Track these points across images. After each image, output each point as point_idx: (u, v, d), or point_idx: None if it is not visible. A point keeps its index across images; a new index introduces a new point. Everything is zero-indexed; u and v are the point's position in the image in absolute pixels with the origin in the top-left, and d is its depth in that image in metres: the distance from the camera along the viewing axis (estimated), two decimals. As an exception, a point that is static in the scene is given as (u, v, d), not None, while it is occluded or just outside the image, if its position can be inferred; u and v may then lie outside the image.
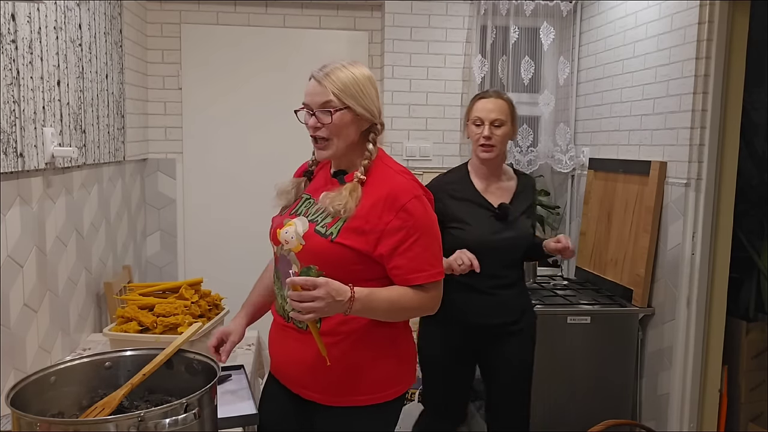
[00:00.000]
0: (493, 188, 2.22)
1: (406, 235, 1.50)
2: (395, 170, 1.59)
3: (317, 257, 1.53)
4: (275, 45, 3.49)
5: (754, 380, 2.97)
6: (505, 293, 2.21)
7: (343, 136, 1.55)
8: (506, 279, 2.21)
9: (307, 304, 1.39)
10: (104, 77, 2.53)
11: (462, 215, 2.17)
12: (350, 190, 1.51)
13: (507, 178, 2.26)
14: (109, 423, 1.08)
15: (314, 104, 1.54)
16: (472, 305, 2.20)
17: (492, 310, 2.20)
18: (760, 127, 3.23)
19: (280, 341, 1.66)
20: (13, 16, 1.66)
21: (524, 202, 2.23)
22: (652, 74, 2.84)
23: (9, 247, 1.66)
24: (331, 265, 1.52)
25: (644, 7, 2.91)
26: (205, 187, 3.52)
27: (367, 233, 1.52)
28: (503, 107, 2.17)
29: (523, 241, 2.21)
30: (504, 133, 2.17)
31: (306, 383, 1.60)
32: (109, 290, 2.47)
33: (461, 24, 3.49)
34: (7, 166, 1.62)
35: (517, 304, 2.25)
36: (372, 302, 1.48)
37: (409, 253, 1.51)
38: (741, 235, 3.05)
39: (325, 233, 1.54)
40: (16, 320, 1.71)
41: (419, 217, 1.52)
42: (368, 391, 1.59)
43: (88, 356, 1.36)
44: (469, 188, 2.21)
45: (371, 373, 1.58)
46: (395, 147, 3.49)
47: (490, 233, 2.15)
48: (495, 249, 2.15)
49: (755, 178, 3.22)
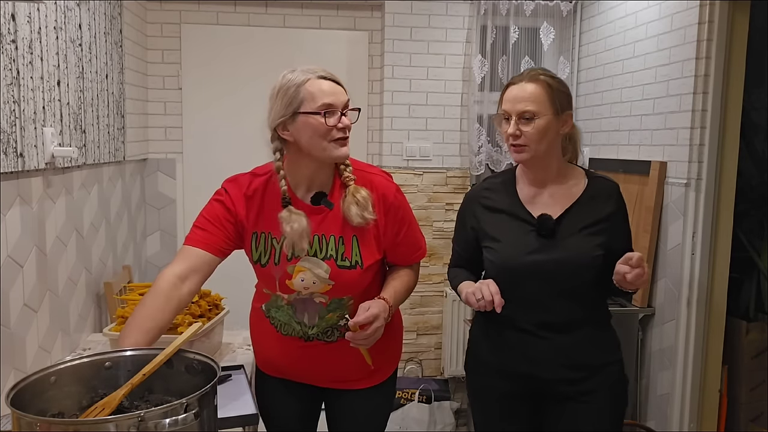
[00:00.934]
0: (545, 196, 1.70)
1: (401, 227, 1.64)
2: (364, 170, 1.63)
3: (351, 289, 1.61)
4: (275, 45, 3.49)
5: (754, 380, 2.97)
6: (559, 338, 1.66)
7: None
8: (559, 317, 1.66)
9: (372, 338, 1.51)
10: (104, 77, 2.53)
11: (494, 231, 1.72)
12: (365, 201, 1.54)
13: (571, 183, 1.71)
14: (109, 423, 1.07)
15: (341, 104, 1.52)
16: (513, 348, 1.70)
17: (539, 359, 1.67)
18: (760, 127, 3.23)
19: (302, 358, 1.69)
20: (13, 16, 1.66)
21: (590, 213, 1.66)
22: (652, 74, 2.84)
23: (9, 247, 1.66)
24: (363, 289, 1.63)
25: (644, 7, 2.91)
26: (205, 187, 3.49)
27: (375, 242, 1.60)
28: (536, 93, 1.62)
29: (577, 265, 1.63)
30: (538, 127, 1.61)
31: (333, 378, 1.72)
32: (109, 290, 2.47)
33: (461, 24, 3.48)
34: (7, 166, 1.62)
35: (581, 355, 1.67)
36: (398, 298, 1.65)
37: (407, 239, 1.67)
38: (741, 235, 3.05)
39: (351, 265, 1.57)
40: (16, 320, 1.71)
41: (404, 208, 1.66)
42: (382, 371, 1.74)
43: (88, 356, 1.36)
44: (510, 196, 1.73)
45: (384, 355, 1.72)
46: (395, 147, 3.49)
47: (525, 253, 1.64)
48: (533, 274, 1.64)
49: (755, 178, 3.22)
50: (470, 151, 3.49)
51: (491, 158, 3.53)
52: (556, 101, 1.63)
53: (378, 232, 1.60)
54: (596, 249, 1.63)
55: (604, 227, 1.65)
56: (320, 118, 1.48)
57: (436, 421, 3.34)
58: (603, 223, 1.66)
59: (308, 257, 1.54)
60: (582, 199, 1.68)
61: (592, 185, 1.70)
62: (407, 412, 3.33)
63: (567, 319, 1.66)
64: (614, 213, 1.68)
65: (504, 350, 1.72)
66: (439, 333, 3.60)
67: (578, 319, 1.67)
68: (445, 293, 3.55)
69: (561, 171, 1.71)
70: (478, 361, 1.80)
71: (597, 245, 1.64)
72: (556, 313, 1.66)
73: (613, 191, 1.70)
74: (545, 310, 1.66)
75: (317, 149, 1.50)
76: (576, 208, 1.67)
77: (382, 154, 3.49)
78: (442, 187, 3.55)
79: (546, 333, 1.66)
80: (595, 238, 1.64)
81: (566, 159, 1.74)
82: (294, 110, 1.49)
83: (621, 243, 1.67)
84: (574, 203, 1.68)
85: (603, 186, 1.71)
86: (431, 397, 3.39)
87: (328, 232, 1.56)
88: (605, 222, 1.66)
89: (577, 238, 1.64)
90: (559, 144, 1.68)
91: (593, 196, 1.68)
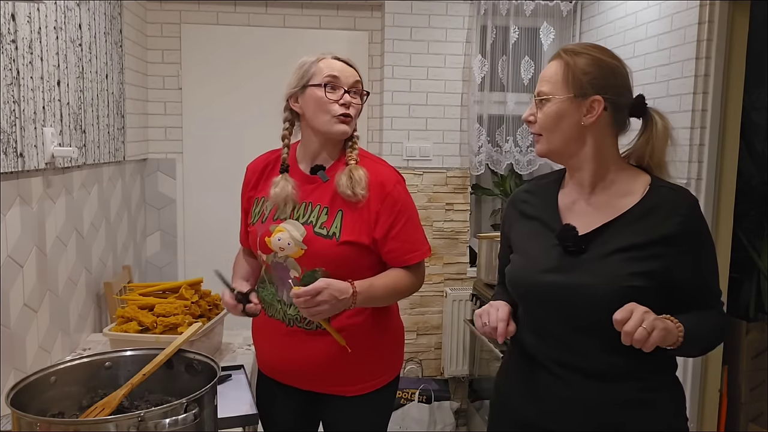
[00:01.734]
0: (585, 204, 1.35)
1: (396, 220, 1.60)
2: (372, 159, 1.67)
3: (323, 260, 1.57)
4: (275, 45, 3.49)
5: (754, 380, 2.97)
6: (588, 384, 1.29)
7: None
8: (587, 358, 1.29)
9: (314, 308, 1.46)
10: (104, 77, 2.53)
11: (520, 241, 1.42)
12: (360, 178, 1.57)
13: (624, 191, 1.33)
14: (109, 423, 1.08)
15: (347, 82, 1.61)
16: (529, 389, 1.38)
17: (557, 406, 1.32)
18: (760, 127, 3.23)
19: (285, 347, 1.67)
20: (13, 16, 1.66)
21: (637, 232, 1.26)
22: (652, 74, 2.84)
23: (9, 247, 1.66)
24: (336, 264, 1.57)
25: (644, 7, 2.91)
26: (205, 187, 3.52)
27: (363, 225, 1.57)
28: (551, 72, 1.32)
29: (599, 295, 1.24)
30: (548, 112, 1.31)
31: (322, 379, 1.66)
32: (109, 290, 2.47)
33: (461, 24, 3.48)
34: (7, 166, 1.62)
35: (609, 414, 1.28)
36: (373, 292, 1.55)
37: (402, 235, 1.61)
38: (741, 235, 3.05)
39: (328, 234, 1.57)
40: (16, 320, 1.71)
41: (404, 201, 1.63)
42: (374, 377, 1.67)
43: (88, 356, 1.36)
44: (548, 201, 1.41)
45: (376, 359, 1.66)
46: (395, 147, 3.49)
47: (541, 270, 1.32)
48: (545, 299, 1.32)
49: (755, 178, 3.22)
50: (470, 151, 3.49)
51: (491, 158, 3.53)
52: (575, 82, 1.28)
53: (369, 217, 1.58)
54: (631, 278, 1.23)
55: (656, 252, 1.24)
56: (322, 90, 1.57)
57: (436, 421, 3.34)
58: (656, 246, 1.24)
59: (291, 220, 1.61)
60: (632, 213, 1.29)
61: (653, 196, 1.29)
62: (407, 412, 3.33)
63: (598, 363, 1.28)
64: (678, 235, 1.24)
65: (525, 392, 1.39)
66: (439, 333, 3.60)
67: (616, 366, 1.27)
68: (445, 293, 3.55)
69: (615, 175, 1.34)
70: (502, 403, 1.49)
71: (634, 274, 1.23)
72: (580, 353, 1.29)
73: (683, 206, 1.27)
74: (566, 347, 1.31)
75: (319, 122, 1.59)
76: (620, 222, 1.29)
77: (382, 154, 3.49)
78: (442, 187, 3.55)
79: (567, 374, 1.30)
80: (634, 264, 1.24)
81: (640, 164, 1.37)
82: (304, 83, 1.60)
83: (686, 275, 1.26)
84: (620, 216, 1.29)
85: (668, 198, 1.29)
86: (431, 397, 3.39)
87: (316, 201, 1.61)
88: (660, 245, 1.24)
89: (610, 261, 1.26)
90: (601, 138, 1.32)
91: (649, 211, 1.28)
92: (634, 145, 1.38)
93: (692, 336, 1.21)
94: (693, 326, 1.22)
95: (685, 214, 1.27)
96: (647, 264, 1.24)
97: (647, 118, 1.36)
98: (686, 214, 1.27)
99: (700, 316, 1.27)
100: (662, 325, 1.14)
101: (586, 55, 1.31)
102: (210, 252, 3.49)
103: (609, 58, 1.33)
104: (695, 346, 1.26)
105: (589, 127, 1.31)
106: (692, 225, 1.27)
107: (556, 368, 1.32)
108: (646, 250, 1.25)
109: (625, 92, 1.33)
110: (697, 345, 1.28)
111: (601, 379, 1.28)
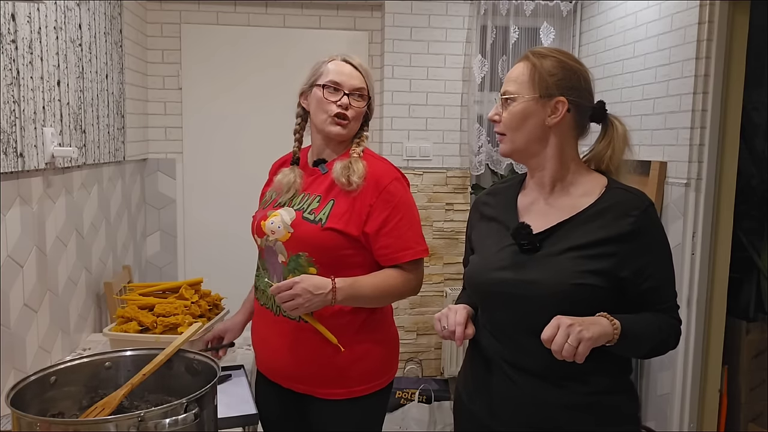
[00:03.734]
0: (543, 204, 1.36)
1: (390, 215, 1.58)
2: (376, 158, 1.69)
3: (307, 244, 1.58)
4: (275, 45, 3.49)
5: (754, 380, 2.98)
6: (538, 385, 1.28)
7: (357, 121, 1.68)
8: (539, 359, 1.25)
9: (289, 303, 1.48)
10: (104, 77, 2.53)
11: (478, 242, 1.44)
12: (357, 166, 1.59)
13: (581, 192, 1.34)
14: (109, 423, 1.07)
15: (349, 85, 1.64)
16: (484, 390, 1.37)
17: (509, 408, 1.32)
18: (760, 127, 3.23)
19: (269, 336, 1.68)
20: (13, 16, 1.66)
21: (591, 231, 1.27)
22: (652, 74, 2.84)
23: (9, 247, 1.66)
24: (320, 251, 1.58)
25: (644, 7, 2.91)
26: (205, 187, 3.52)
27: (353, 216, 1.57)
28: (517, 72, 1.35)
29: (549, 293, 1.24)
30: (513, 112, 1.33)
31: (299, 377, 1.63)
32: (109, 290, 2.47)
33: (461, 24, 3.48)
34: (7, 166, 1.62)
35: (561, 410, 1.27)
36: (357, 290, 1.54)
37: (396, 231, 1.59)
38: (741, 235, 3.05)
39: (314, 219, 1.59)
40: (16, 320, 1.71)
41: (401, 197, 1.61)
42: (362, 381, 1.62)
43: (88, 356, 1.36)
44: (508, 203, 1.42)
45: (364, 363, 1.62)
46: (395, 147, 3.49)
47: (493, 268, 1.33)
48: (496, 296, 1.33)
49: (755, 178, 3.22)
50: (470, 151, 3.49)
51: (491, 158, 3.53)
52: (541, 82, 1.30)
53: (362, 209, 1.57)
54: (583, 276, 1.23)
55: (607, 251, 1.24)
56: (322, 90, 1.63)
57: (436, 421, 3.34)
58: (607, 245, 1.25)
59: (287, 207, 1.65)
60: (587, 212, 1.30)
61: (608, 197, 1.31)
62: (407, 412, 3.33)
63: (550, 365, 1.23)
64: (629, 235, 1.24)
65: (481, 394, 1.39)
66: (439, 333, 3.60)
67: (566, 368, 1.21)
68: (445, 293, 3.56)
69: (574, 177, 1.35)
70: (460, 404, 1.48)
71: (587, 272, 1.23)
72: (532, 355, 1.27)
73: (636, 207, 1.28)
74: (518, 347, 1.31)
75: (318, 120, 1.65)
76: (574, 221, 1.29)
77: (382, 154, 3.47)
78: (442, 187, 3.55)
79: (518, 375, 1.30)
80: (587, 262, 1.24)
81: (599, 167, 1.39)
82: (312, 82, 1.67)
83: (635, 277, 1.25)
84: (575, 216, 1.30)
85: (622, 200, 1.29)
86: (431, 397, 3.39)
87: (314, 192, 1.65)
88: (611, 244, 1.24)
89: (560, 259, 1.25)
90: (563, 140, 1.34)
91: (604, 211, 1.29)
92: (594, 149, 1.41)
93: (632, 335, 1.21)
94: (633, 325, 1.22)
95: (639, 216, 1.27)
96: (597, 263, 1.24)
97: (607, 123, 1.39)
98: (638, 215, 1.27)
99: (646, 317, 1.27)
100: (589, 335, 1.13)
101: (553, 58, 1.33)
102: (210, 252, 3.50)
103: (574, 62, 1.35)
104: (636, 346, 1.26)
105: (552, 127, 1.33)
106: (644, 227, 1.27)
107: (508, 369, 1.32)
108: (596, 248, 1.25)
109: (588, 96, 1.36)
110: (639, 346, 1.26)
111: (552, 381, 1.28)
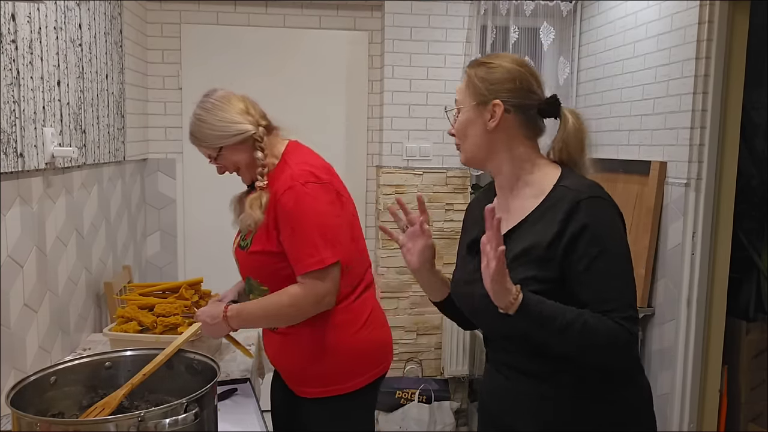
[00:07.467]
0: (504, 210, 1.31)
1: (283, 226, 1.61)
2: (291, 164, 1.67)
3: (244, 268, 1.74)
4: (275, 45, 3.49)
5: (754, 380, 2.98)
6: (526, 383, 1.29)
7: (237, 164, 1.77)
8: (519, 358, 1.30)
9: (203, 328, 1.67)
10: (104, 77, 2.53)
11: (459, 251, 1.47)
12: (250, 203, 1.64)
13: (535, 192, 1.29)
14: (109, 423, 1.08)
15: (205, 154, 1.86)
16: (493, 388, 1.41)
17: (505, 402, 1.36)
18: (760, 127, 3.23)
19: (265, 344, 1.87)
20: (13, 16, 1.66)
21: (533, 235, 1.23)
22: (652, 74, 2.84)
23: (9, 247, 1.66)
24: (256, 273, 1.70)
25: (644, 7, 2.91)
26: (205, 187, 3.51)
27: (268, 233, 1.64)
28: (463, 83, 1.35)
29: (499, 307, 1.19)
30: (459, 122, 1.34)
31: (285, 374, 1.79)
32: (109, 290, 2.47)
33: (461, 24, 3.48)
34: (7, 166, 1.62)
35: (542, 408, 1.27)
36: (245, 315, 1.66)
37: (288, 243, 1.61)
38: (741, 235, 3.05)
39: (244, 245, 1.70)
40: (16, 320, 1.71)
41: (289, 209, 1.59)
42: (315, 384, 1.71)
43: (88, 356, 1.37)
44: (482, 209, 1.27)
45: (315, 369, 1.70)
46: (395, 147, 3.49)
47: (463, 282, 1.36)
48: (469, 309, 1.36)
49: (755, 178, 3.22)
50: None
51: (491, 158, 3.53)
52: (474, 90, 1.30)
53: (270, 224, 1.63)
54: (527, 283, 1.17)
55: (550, 254, 1.19)
56: None
57: (436, 421, 3.34)
58: (548, 247, 1.19)
59: None
60: (533, 215, 1.25)
61: (552, 196, 1.25)
62: (407, 412, 3.33)
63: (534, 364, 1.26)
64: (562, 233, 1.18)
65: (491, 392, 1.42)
66: (439, 333, 3.60)
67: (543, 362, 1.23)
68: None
69: (530, 176, 1.31)
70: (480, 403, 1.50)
71: (530, 278, 1.18)
72: (516, 355, 1.29)
73: (573, 202, 1.19)
74: (503, 349, 1.33)
75: None
76: (524, 226, 1.25)
77: (382, 154, 3.49)
78: (442, 187, 3.55)
79: (510, 374, 1.32)
80: (529, 269, 1.19)
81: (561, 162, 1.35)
82: None
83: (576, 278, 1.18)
84: (523, 220, 1.26)
85: (561, 196, 1.22)
86: (431, 397, 3.39)
87: None
88: (551, 246, 1.19)
89: (510, 267, 1.15)
90: (511, 141, 1.31)
91: (546, 211, 1.23)
92: (551, 145, 1.39)
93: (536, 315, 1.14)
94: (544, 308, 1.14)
95: (580, 211, 1.19)
96: (538, 268, 1.20)
97: (560, 117, 1.36)
98: (581, 211, 1.19)
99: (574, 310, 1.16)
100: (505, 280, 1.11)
101: (485, 64, 1.32)
102: (210, 252, 3.49)
103: (509, 64, 1.32)
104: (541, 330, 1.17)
105: (495, 131, 1.31)
106: (576, 222, 1.18)
107: (503, 369, 1.34)
108: (536, 253, 1.20)
109: (529, 95, 1.31)
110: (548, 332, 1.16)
111: (530, 374, 1.27)
